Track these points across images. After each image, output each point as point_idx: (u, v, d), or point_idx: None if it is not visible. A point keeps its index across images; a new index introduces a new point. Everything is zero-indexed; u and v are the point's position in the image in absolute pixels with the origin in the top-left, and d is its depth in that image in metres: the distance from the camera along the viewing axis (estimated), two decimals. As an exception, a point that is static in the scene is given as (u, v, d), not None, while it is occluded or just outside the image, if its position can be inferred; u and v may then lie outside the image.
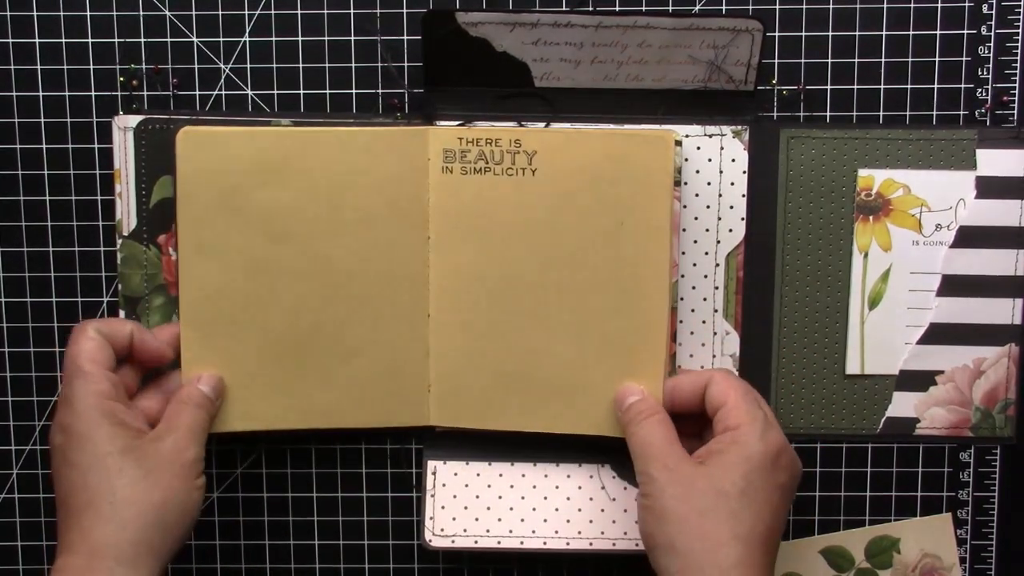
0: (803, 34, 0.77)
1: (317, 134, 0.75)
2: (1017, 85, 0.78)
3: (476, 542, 0.80)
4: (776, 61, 0.77)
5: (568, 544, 0.79)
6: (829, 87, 0.78)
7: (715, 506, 0.66)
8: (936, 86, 0.78)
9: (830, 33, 0.77)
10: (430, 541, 0.79)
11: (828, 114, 0.78)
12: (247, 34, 0.77)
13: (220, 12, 0.77)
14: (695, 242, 0.77)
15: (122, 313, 0.78)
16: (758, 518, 0.67)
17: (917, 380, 0.79)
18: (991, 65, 0.78)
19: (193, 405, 0.72)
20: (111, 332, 0.71)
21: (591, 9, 0.76)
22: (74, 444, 0.67)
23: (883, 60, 0.78)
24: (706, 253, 0.78)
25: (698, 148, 0.77)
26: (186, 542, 0.71)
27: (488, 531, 0.79)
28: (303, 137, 0.75)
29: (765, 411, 0.70)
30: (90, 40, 0.77)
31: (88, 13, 0.77)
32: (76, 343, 0.70)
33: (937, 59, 0.78)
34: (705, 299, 0.78)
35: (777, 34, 0.77)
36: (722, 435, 0.69)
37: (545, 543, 0.79)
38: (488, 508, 0.80)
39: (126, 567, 0.65)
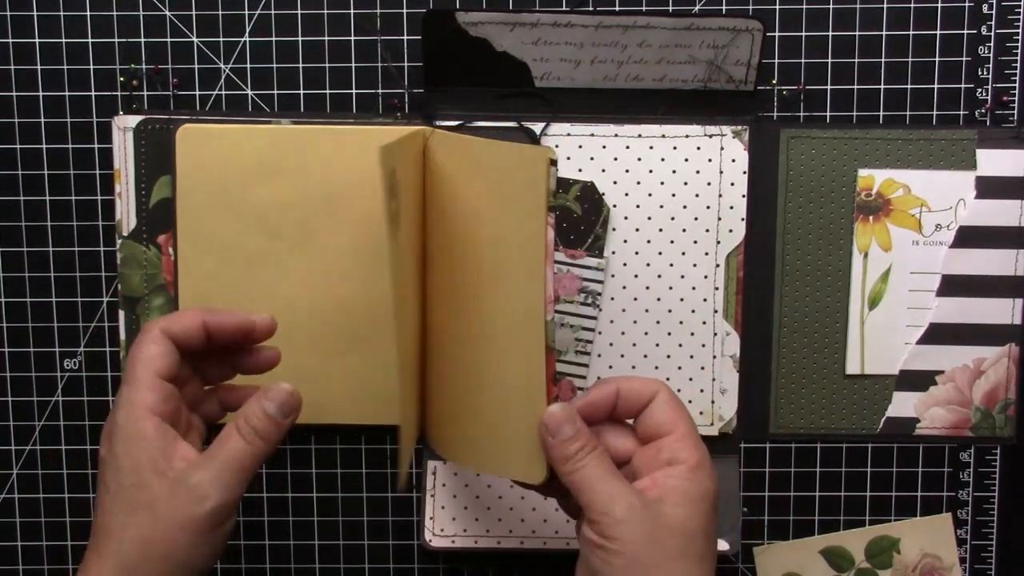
0: (803, 34, 0.77)
1: (315, 132, 0.75)
2: (1017, 85, 0.78)
3: (476, 542, 0.80)
4: (776, 61, 0.77)
5: (568, 544, 0.79)
6: (829, 87, 0.78)
7: (685, 548, 0.61)
8: (936, 86, 0.78)
9: (830, 33, 0.77)
10: (430, 541, 0.79)
11: (828, 114, 0.78)
12: (247, 34, 0.77)
13: (220, 12, 0.77)
14: (695, 243, 0.77)
15: (121, 313, 0.78)
16: (713, 558, 0.63)
17: (917, 380, 0.79)
18: (991, 65, 0.78)
19: (244, 436, 0.65)
20: (181, 328, 0.66)
21: (591, 9, 0.76)
22: (110, 464, 0.63)
23: (883, 60, 0.78)
24: (706, 254, 0.77)
25: (698, 148, 0.77)
26: None
27: (488, 531, 0.80)
28: (301, 135, 0.75)
29: None
30: (90, 40, 0.77)
31: (88, 13, 0.77)
32: (138, 346, 0.65)
33: (937, 59, 0.78)
34: (705, 300, 0.78)
35: (777, 34, 0.77)
36: (672, 468, 0.63)
37: (545, 543, 0.80)
38: (488, 508, 0.80)
39: None
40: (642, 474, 0.64)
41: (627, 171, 0.77)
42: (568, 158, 0.77)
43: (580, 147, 0.77)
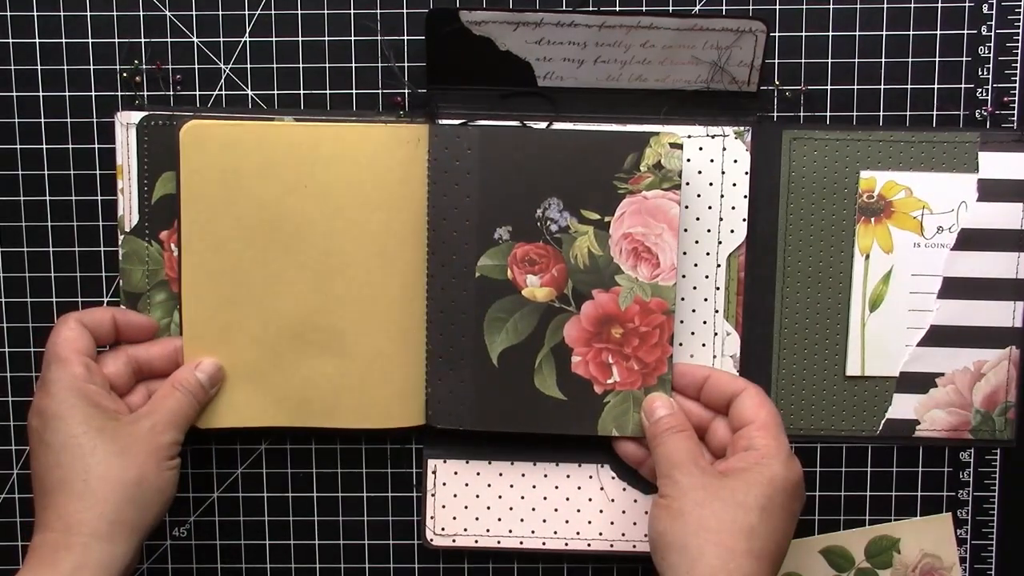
0: (803, 34, 0.77)
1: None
2: (1017, 85, 0.78)
3: (476, 541, 0.80)
4: (776, 61, 0.77)
5: (567, 544, 0.80)
6: (829, 87, 0.78)
7: (734, 517, 0.67)
8: (936, 86, 0.78)
9: (830, 33, 0.77)
10: (431, 540, 0.79)
11: (828, 114, 0.78)
12: (247, 34, 0.77)
13: (220, 12, 0.77)
14: (696, 243, 0.77)
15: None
16: (771, 538, 0.68)
17: (917, 382, 0.79)
18: (991, 65, 0.78)
19: (183, 391, 0.74)
20: (93, 320, 0.73)
21: (595, 9, 0.76)
22: (49, 425, 0.69)
23: (883, 60, 0.78)
24: (708, 254, 0.78)
25: (700, 149, 0.77)
26: (162, 518, 0.72)
27: (488, 531, 0.80)
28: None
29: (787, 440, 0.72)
30: (90, 40, 0.77)
31: (88, 13, 0.77)
32: (56, 333, 0.71)
33: (937, 59, 0.78)
34: (706, 300, 0.78)
35: (778, 35, 0.77)
36: (746, 453, 0.71)
37: (544, 543, 0.80)
38: (488, 507, 0.80)
39: (102, 542, 0.67)
40: (727, 457, 0.73)
41: (629, 172, 0.77)
42: (570, 159, 0.77)
43: (582, 147, 0.77)
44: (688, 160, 0.77)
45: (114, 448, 0.69)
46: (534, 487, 0.80)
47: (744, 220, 0.77)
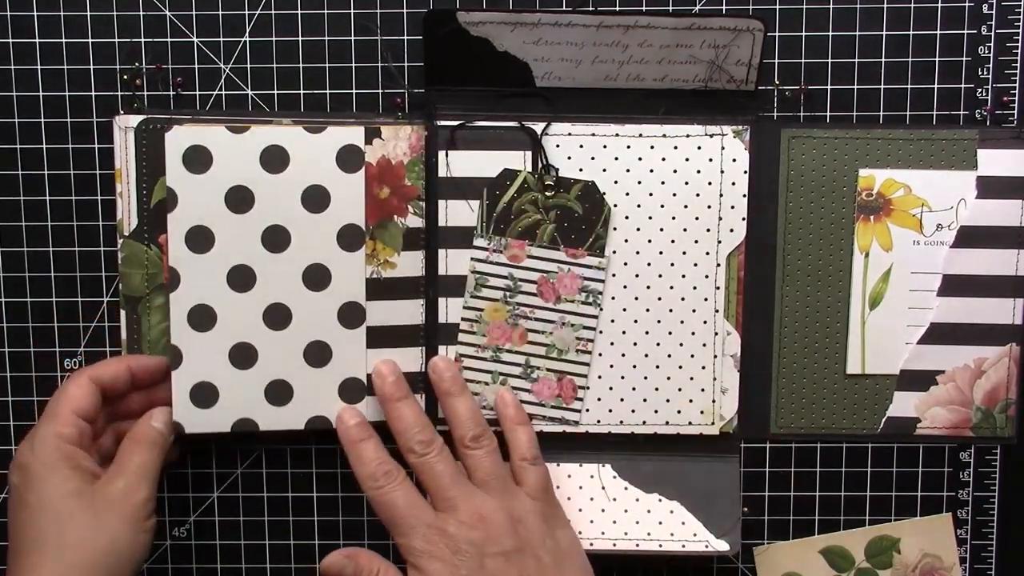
0: (803, 34, 0.77)
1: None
2: (1017, 85, 0.78)
3: (476, 542, 0.79)
4: (776, 61, 0.77)
5: (568, 544, 0.79)
6: (829, 87, 0.78)
7: None
8: (936, 86, 0.78)
9: (830, 33, 0.77)
10: (431, 541, 0.79)
11: (828, 114, 0.78)
12: (247, 34, 0.77)
13: (220, 12, 0.77)
14: (696, 242, 0.77)
15: (123, 313, 0.77)
16: None
17: (918, 380, 0.79)
18: (991, 65, 0.78)
19: (145, 444, 0.74)
20: (108, 374, 0.74)
21: (592, 9, 0.76)
22: (29, 485, 0.70)
23: (883, 60, 0.78)
24: (707, 253, 0.77)
25: (699, 148, 0.77)
26: None
27: (488, 531, 0.79)
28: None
29: None
30: (90, 40, 0.77)
31: (88, 13, 0.77)
32: (63, 387, 0.73)
33: (937, 59, 0.78)
34: (706, 299, 0.78)
35: (777, 34, 0.77)
36: None
37: (545, 543, 0.79)
38: (488, 508, 0.79)
39: None
40: None
41: (628, 171, 0.77)
42: (569, 158, 0.77)
43: (581, 147, 0.77)
44: (687, 159, 0.77)
45: (89, 514, 0.70)
46: (535, 487, 0.80)
47: (743, 219, 0.77)
